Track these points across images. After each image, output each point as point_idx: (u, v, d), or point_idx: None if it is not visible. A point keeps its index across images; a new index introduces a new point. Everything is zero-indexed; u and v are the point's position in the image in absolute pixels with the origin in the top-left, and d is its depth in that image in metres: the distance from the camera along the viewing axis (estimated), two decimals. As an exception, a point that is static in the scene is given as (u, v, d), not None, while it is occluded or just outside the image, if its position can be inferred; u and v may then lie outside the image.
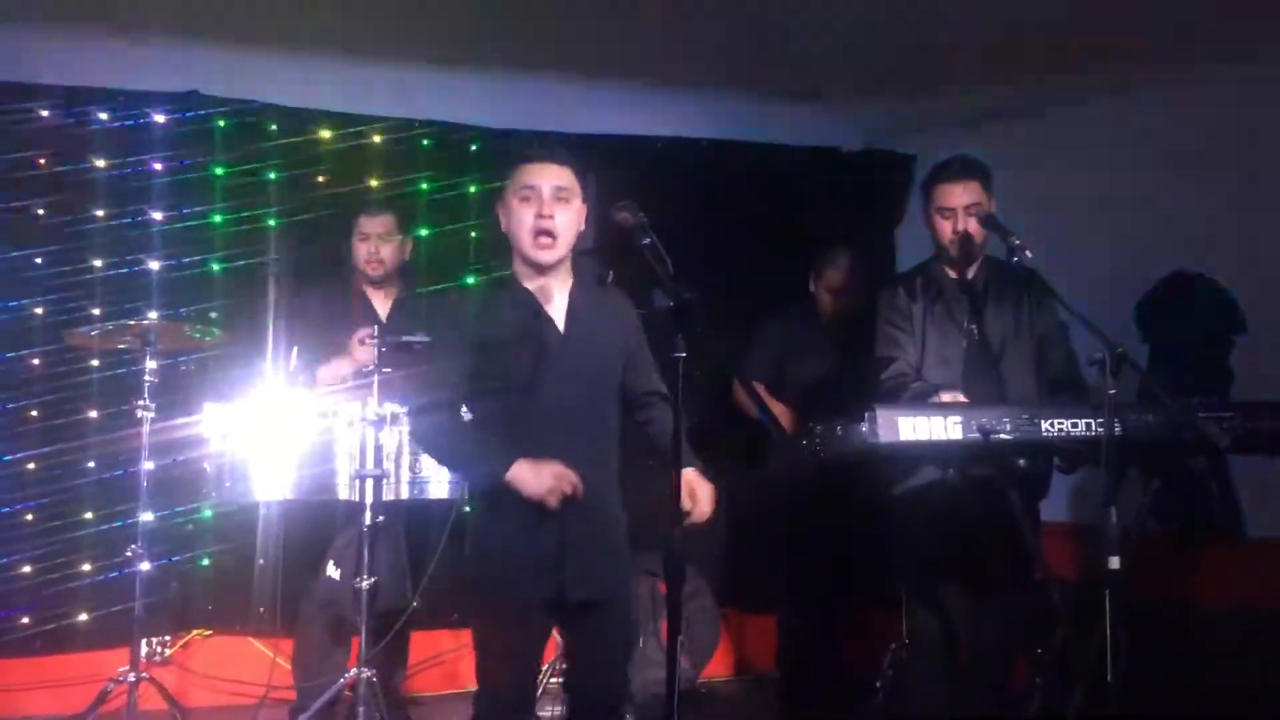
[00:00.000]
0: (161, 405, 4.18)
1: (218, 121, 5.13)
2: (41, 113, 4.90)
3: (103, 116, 4.98)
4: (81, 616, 4.81)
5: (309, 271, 5.08)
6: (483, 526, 3.08)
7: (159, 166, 5.05)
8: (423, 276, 5.02)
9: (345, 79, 5.22)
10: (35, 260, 4.90)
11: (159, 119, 5.06)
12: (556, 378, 3.02)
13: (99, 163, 4.99)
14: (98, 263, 4.96)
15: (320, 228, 5.12)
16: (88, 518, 4.82)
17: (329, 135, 5.31)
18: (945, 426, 3.35)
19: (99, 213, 4.98)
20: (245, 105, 5.16)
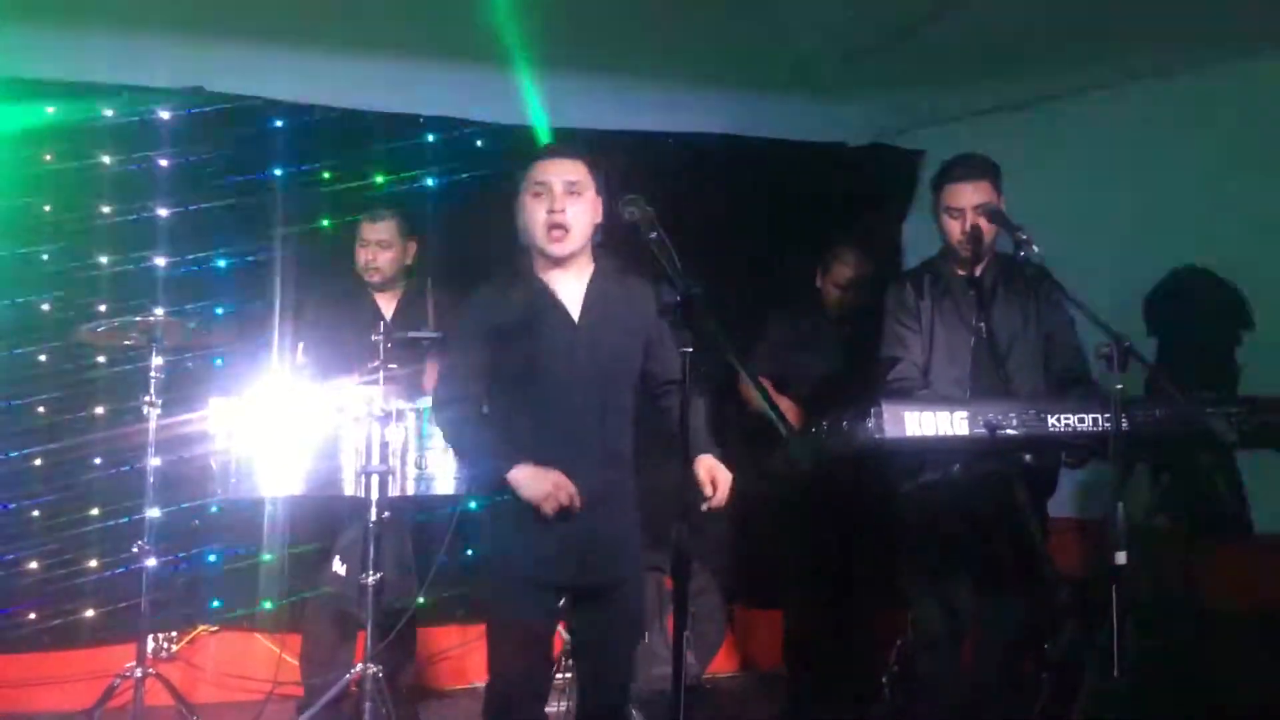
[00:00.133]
0: (168, 401, 4.18)
1: (223, 117, 5.13)
2: (47, 109, 4.91)
3: (108, 113, 4.99)
4: (88, 612, 4.83)
5: (315, 268, 5.08)
6: (495, 515, 3.13)
7: (164, 162, 5.06)
8: (427, 273, 5.00)
9: (350, 74, 5.22)
10: (42, 256, 4.92)
11: (164, 115, 5.06)
12: (570, 367, 3.09)
13: (105, 159, 5.00)
14: (104, 259, 4.97)
15: (326, 224, 5.12)
16: (94, 514, 4.84)
17: (335, 131, 5.30)
18: (951, 422, 3.34)
19: (105, 209, 4.99)
20: (250, 101, 5.15)
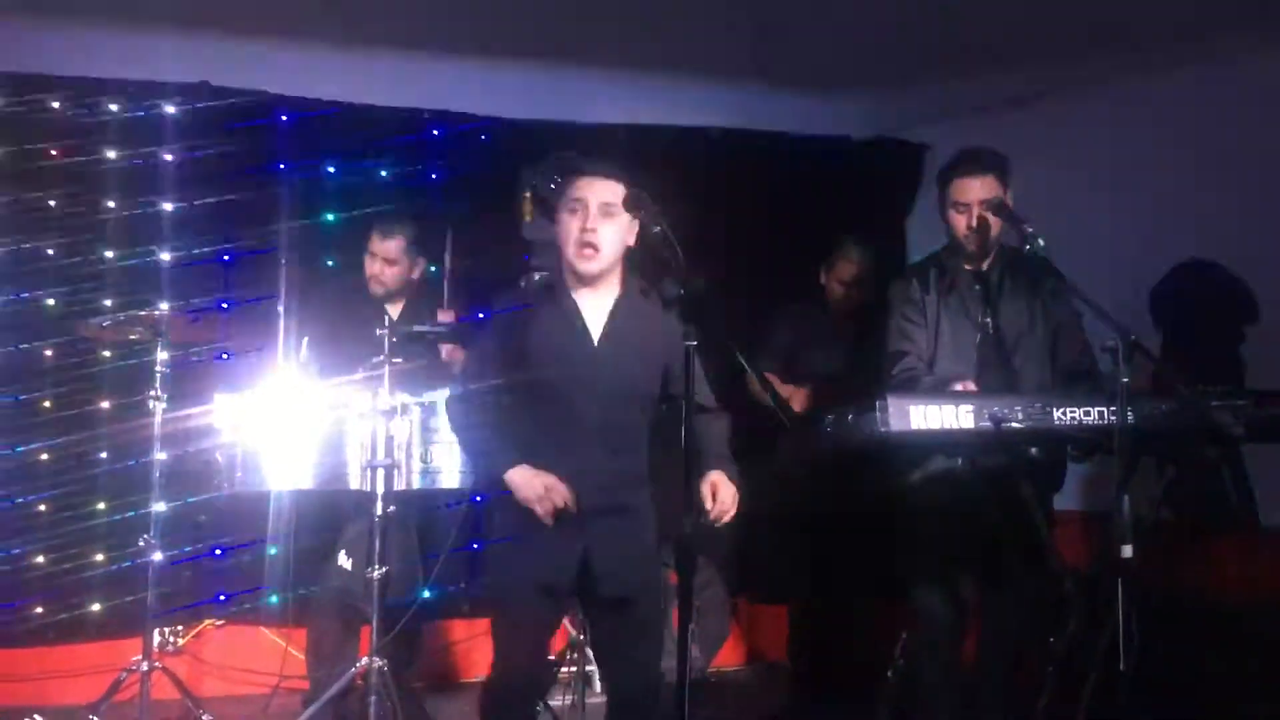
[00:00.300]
0: (173, 396, 4.19)
1: (228, 113, 5.13)
2: (52, 104, 4.91)
3: (113, 108, 4.99)
4: (95, 606, 4.84)
5: (320, 262, 5.08)
6: (502, 509, 3.19)
7: (169, 157, 5.07)
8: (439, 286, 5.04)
9: (355, 69, 5.22)
10: (47, 251, 4.92)
11: (169, 110, 5.06)
12: (586, 388, 3.14)
13: (110, 154, 5.00)
14: (109, 254, 4.98)
15: (331, 218, 5.12)
16: (100, 508, 4.85)
17: (340, 126, 5.31)
18: (957, 415, 3.33)
19: (110, 204, 4.99)
20: (255, 96, 5.15)
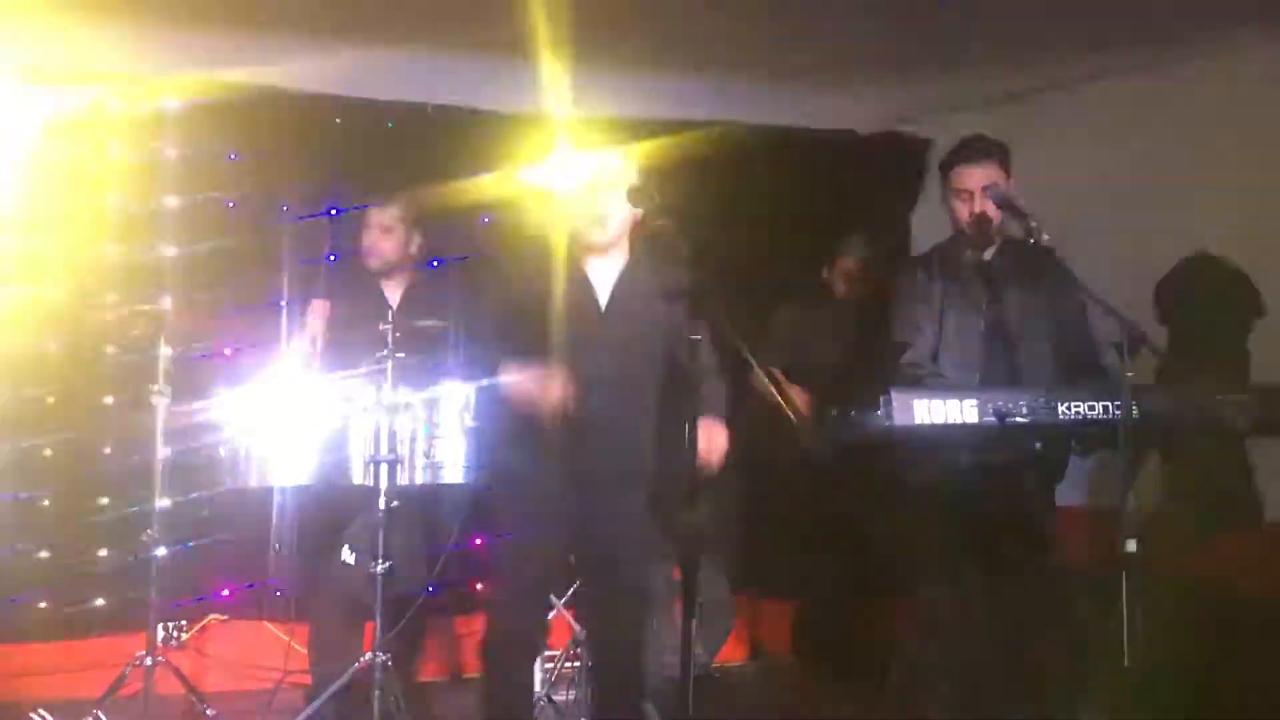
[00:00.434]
0: (177, 391, 4.19)
1: (230, 106, 5.12)
2: (58, 99, 4.91)
3: (116, 102, 4.98)
4: (99, 601, 4.84)
5: (323, 257, 5.09)
6: (503, 460, 3.37)
7: (172, 152, 5.07)
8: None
9: (360, 64, 5.21)
10: (51, 246, 4.91)
11: (172, 104, 5.05)
12: (593, 352, 3.23)
13: (112, 148, 5.00)
14: (113, 249, 4.97)
15: (334, 213, 5.12)
16: (104, 503, 4.86)
17: (344, 119, 5.31)
18: (961, 409, 3.34)
19: (114, 198, 4.99)
20: (259, 90, 5.14)
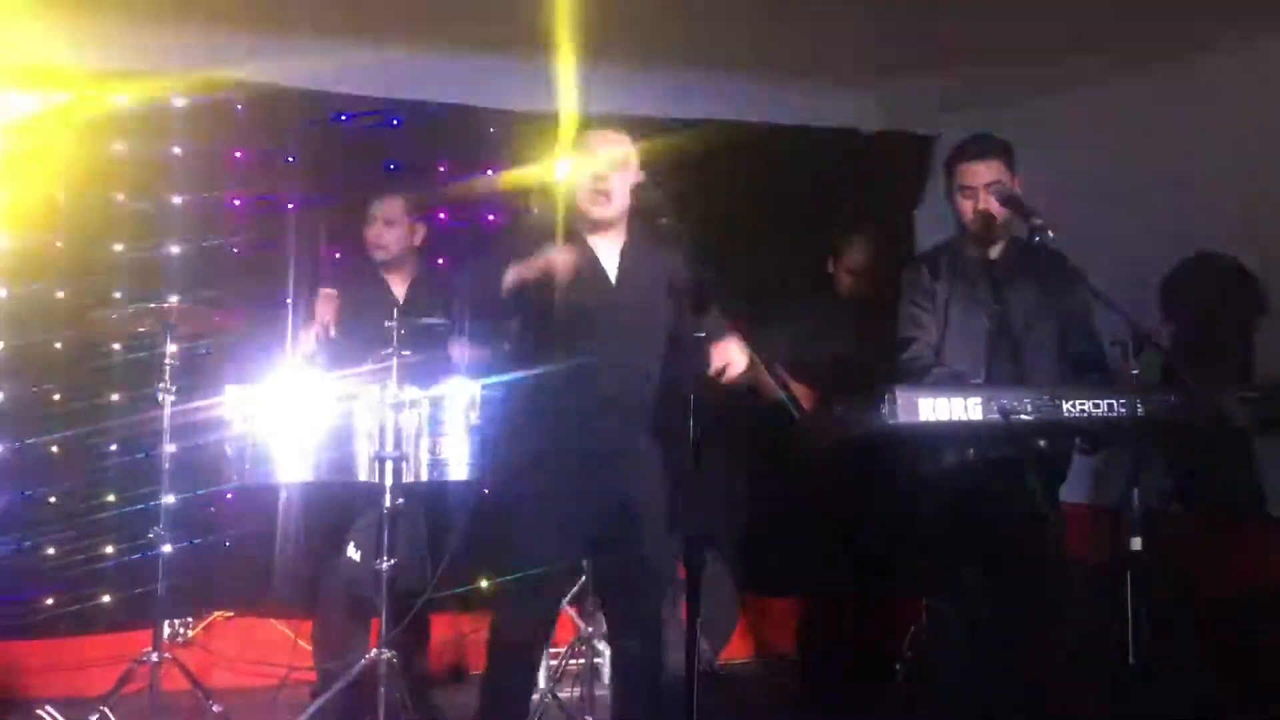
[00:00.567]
0: (182, 388, 4.19)
1: (236, 105, 5.14)
2: (63, 96, 4.92)
3: (122, 99, 4.99)
4: (105, 598, 4.85)
5: (328, 254, 5.09)
6: (516, 464, 3.39)
7: (178, 150, 5.07)
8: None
9: (364, 61, 5.21)
10: (56, 244, 4.93)
11: (179, 102, 5.06)
12: (606, 326, 3.29)
13: (118, 146, 5.01)
14: (118, 246, 4.98)
15: (339, 211, 5.13)
16: (110, 500, 4.87)
17: (350, 118, 5.30)
18: (965, 407, 3.33)
19: (119, 196, 5.00)
20: (264, 88, 5.14)
